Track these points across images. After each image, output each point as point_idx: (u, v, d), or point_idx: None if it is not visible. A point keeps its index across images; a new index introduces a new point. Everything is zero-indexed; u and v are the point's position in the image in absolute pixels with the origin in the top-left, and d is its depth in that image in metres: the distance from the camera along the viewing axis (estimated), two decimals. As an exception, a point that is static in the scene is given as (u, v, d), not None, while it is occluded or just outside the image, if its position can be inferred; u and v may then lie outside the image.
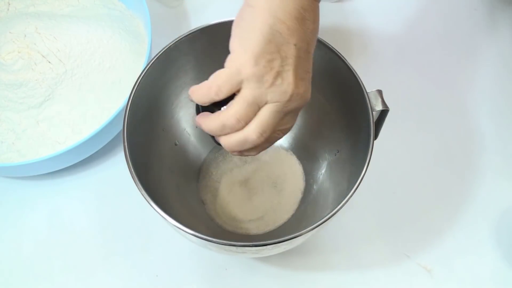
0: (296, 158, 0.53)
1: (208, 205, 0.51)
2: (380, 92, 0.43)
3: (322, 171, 0.51)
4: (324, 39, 0.44)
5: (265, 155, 0.54)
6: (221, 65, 0.49)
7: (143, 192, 0.38)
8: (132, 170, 0.39)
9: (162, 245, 0.52)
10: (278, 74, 0.33)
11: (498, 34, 0.64)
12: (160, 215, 0.38)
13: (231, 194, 0.52)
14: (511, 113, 0.59)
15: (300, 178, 0.52)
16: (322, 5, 0.65)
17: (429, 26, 0.65)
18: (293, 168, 0.53)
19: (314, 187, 0.51)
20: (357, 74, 0.42)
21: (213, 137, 0.37)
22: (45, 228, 0.53)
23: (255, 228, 0.50)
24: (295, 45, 0.34)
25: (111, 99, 0.54)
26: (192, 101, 0.36)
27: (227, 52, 0.48)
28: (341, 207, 0.38)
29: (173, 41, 0.44)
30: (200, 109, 0.37)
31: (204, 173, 0.53)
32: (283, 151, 0.54)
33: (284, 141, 0.54)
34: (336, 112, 0.47)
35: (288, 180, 0.52)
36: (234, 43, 0.35)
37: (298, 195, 0.51)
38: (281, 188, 0.52)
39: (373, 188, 0.53)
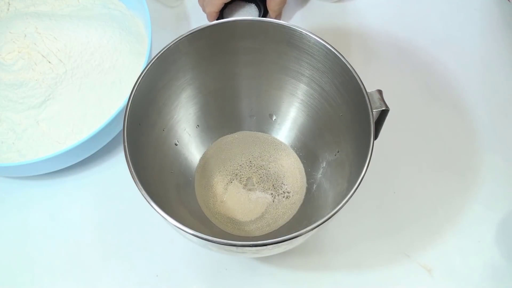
0: (297, 158, 0.53)
1: (207, 206, 0.51)
2: (380, 92, 0.43)
3: (322, 171, 0.51)
4: (324, 39, 0.44)
5: (266, 154, 0.54)
6: (221, 65, 0.50)
7: (143, 192, 0.38)
8: (132, 170, 0.39)
9: (162, 245, 0.52)
10: None
11: (498, 34, 0.64)
12: (160, 215, 0.38)
13: (231, 195, 0.52)
14: None
15: (301, 178, 0.52)
16: (322, 5, 0.66)
17: (429, 26, 0.65)
18: (294, 168, 0.53)
19: (314, 187, 0.51)
20: (357, 74, 0.42)
21: None
22: (45, 228, 0.53)
23: (256, 230, 0.50)
24: None
25: (111, 99, 0.54)
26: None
27: (227, 52, 0.49)
28: (341, 207, 0.38)
29: (173, 41, 0.44)
30: None
31: (204, 174, 0.53)
32: (284, 151, 0.54)
33: (284, 141, 0.54)
34: (336, 112, 0.47)
35: (288, 180, 0.52)
36: None
37: (299, 195, 0.52)
38: (281, 188, 0.52)
39: (373, 188, 0.53)
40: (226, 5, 0.64)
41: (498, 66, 0.62)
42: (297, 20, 0.65)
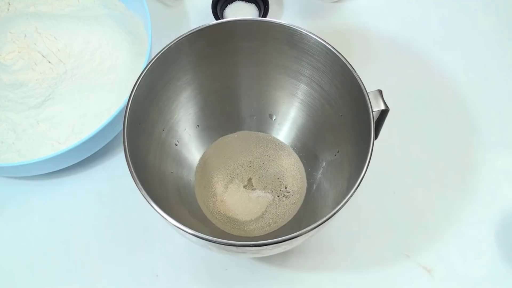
0: (297, 158, 0.53)
1: (207, 206, 0.51)
2: (380, 92, 0.43)
3: (322, 171, 0.51)
4: (324, 39, 0.44)
5: (266, 154, 0.54)
6: (221, 65, 0.50)
7: (143, 192, 0.38)
8: (132, 170, 0.39)
9: (162, 245, 0.52)
10: None
11: (497, 34, 0.64)
12: (160, 215, 0.38)
13: (231, 195, 0.52)
14: None
15: (301, 178, 0.52)
16: (322, 5, 0.66)
17: (429, 26, 0.65)
18: (294, 168, 0.53)
19: (314, 187, 0.51)
20: (357, 74, 0.42)
21: None
22: (45, 228, 0.53)
23: (256, 230, 0.50)
24: None
25: (111, 99, 0.54)
26: None
27: (227, 52, 0.49)
28: (341, 207, 0.38)
29: (173, 41, 0.44)
30: None
31: (204, 174, 0.53)
32: (284, 151, 0.54)
33: (285, 141, 0.54)
34: (336, 112, 0.47)
35: (288, 180, 0.52)
36: None
37: (299, 195, 0.52)
38: (281, 188, 0.52)
39: (373, 188, 0.53)
40: (226, 5, 0.64)
41: (498, 66, 0.62)
42: (297, 20, 0.65)
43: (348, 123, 0.46)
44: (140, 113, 0.44)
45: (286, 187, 0.52)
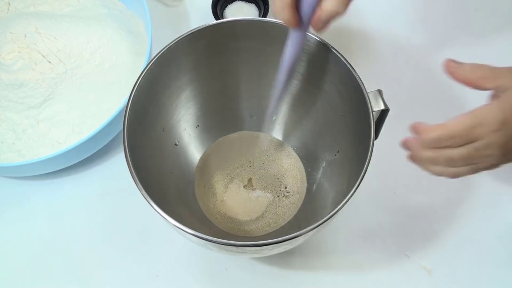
0: (297, 158, 0.53)
1: (207, 206, 0.51)
2: (380, 92, 0.43)
3: (322, 171, 0.51)
4: (324, 39, 0.44)
5: (266, 154, 0.54)
6: (221, 65, 0.50)
7: (143, 192, 0.38)
8: (132, 170, 0.39)
9: (162, 245, 0.52)
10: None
11: (498, 34, 0.64)
12: (160, 215, 0.38)
13: (231, 194, 0.52)
14: None
15: (301, 178, 0.52)
16: (322, 5, 0.66)
17: (429, 26, 0.65)
18: (294, 168, 0.53)
19: (314, 187, 0.51)
20: (357, 74, 0.42)
21: None
22: (45, 228, 0.53)
23: (256, 230, 0.50)
24: None
25: (111, 99, 0.54)
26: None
27: (227, 52, 0.49)
28: (341, 207, 0.38)
29: (173, 41, 0.44)
30: None
31: (204, 174, 0.53)
32: (284, 151, 0.54)
33: (285, 141, 0.54)
34: (336, 112, 0.47)
35: (288, 180, 0.52)
36: None
37: (299, 195, 0.51)
38: (281, 188, 0.52)
39: (373, 188, 0.53)
40: (226, 5, 0.64)
41: (499, 65, 0.62)
42: (297, 20, 0.65)
43: (348, 123, 0.46)
44: (140, 113, 0.44)
45: (286, 187, 0.52)
